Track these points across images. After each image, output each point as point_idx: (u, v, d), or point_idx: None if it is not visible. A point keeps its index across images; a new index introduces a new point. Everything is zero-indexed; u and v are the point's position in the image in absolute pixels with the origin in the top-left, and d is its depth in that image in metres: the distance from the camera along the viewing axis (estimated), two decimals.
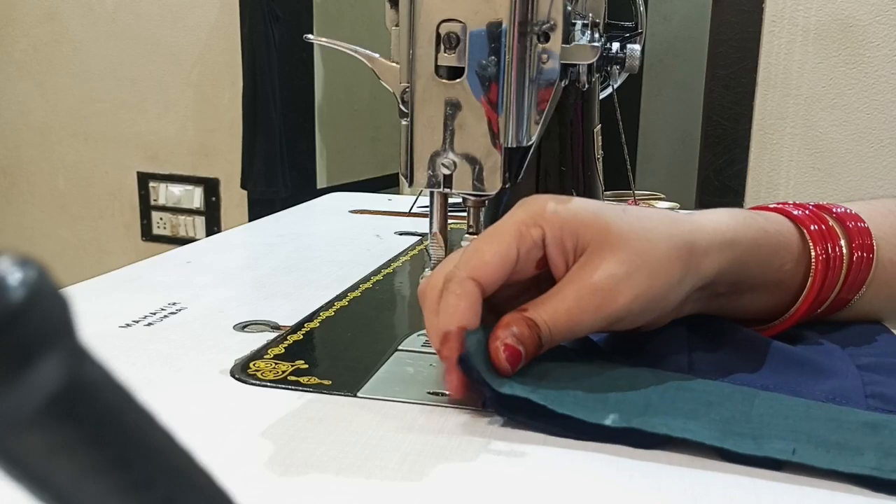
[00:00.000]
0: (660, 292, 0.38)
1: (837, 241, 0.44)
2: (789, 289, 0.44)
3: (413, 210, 0.87)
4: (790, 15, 1.40)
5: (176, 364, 0.43)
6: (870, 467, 0.32)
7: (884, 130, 1.40)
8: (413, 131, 0.43)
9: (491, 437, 0.36)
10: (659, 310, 0.39)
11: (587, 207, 0.39)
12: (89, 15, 1.91)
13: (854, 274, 0.45)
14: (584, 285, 0.37)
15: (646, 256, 0.37)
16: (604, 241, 0.37)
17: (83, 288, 0.57)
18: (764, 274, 0.43)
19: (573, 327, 0.37)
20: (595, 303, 0.37)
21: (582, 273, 0.37)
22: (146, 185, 1.96)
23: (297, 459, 0.33)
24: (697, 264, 0.39)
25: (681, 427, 0.34)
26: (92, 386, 0.13)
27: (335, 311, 0.53)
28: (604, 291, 0.37)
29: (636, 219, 0.39)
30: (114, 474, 0.13)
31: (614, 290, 0.37)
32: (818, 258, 0.43)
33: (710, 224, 0.40)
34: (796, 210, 0.45)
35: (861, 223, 0.45)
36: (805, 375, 0.40)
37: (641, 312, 0.38)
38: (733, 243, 0.40)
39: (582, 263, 0.38)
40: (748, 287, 0.43)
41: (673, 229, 0.39)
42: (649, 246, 0.38)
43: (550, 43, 0.42)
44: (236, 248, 0.74)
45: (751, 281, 0.43)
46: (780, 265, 0.43)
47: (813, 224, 0.44)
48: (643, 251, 0.37)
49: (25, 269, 0.12)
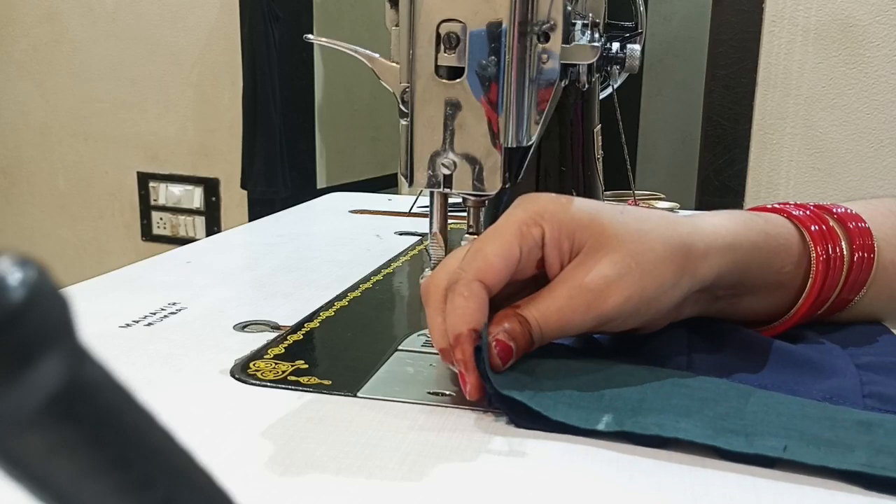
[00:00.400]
0: (652, 294, 0.38)
1: (838, 242, 0.44)
2: (789, 290, 0.44)
3: (413, 210, 0.87)
4: (790, 15, 1.40)
5: (176, 364, 0.43)
6: (860, 464, 0.32)
7: (884, 130, 1.40)
8: (413, 131, 0.43)
9: (491, 436, 0.36)
10: (653, 312, 0.39)
11: (584, 208, 0.39)
12: (89, 15, 1.91)
13: (855, 274, 0.45)
14: (576, 285, 0.37)
15: (640, 258, 0.37)
16: (599, 243, 0.37)
17: (83, 288, 0.57)
18: (764, 276, 0.43)
19: (564, 326, 0.37)
20: (585, 302, 0.37)
21: (574, 273, 0.38)
22: (146, 185, 1.96)
23: (297, 459, 0.33)
24: (694, 268, 0.39)
25: (672, 426, 0.34)
26: (92, 386, 0.13)
27: (335, 311, 0.53)
28: (594, 292, 0.37)
29: (633, 220, 0.39)
30: (114, 474, 0.13)
31: (605, 291, 0.37)
32: (819, 259, 0.43)
33: (710, 227, 0.40)
34: (797, 210, 0.45)
35: (862, 223, 0.45)
36: (804, 375, 0.40)
37: (633, 314, 0.38)
38: (733, 247, 0.40)
39: (576, 264, 0.38)
40: (748, 290, 0.43)
41: (670, 232, 0.39)
42: (644, 248, 0.38)
43: (550, 43, 0.42)
44: (236, 248, 0.74)
45: (751, 283, 0.43)
46: (781, 267, 0.43)
47: (813, 224, 0.44)
48: (637, 253, 0.37)
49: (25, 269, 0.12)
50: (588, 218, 0.38)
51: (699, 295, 0.41)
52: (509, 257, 0.38)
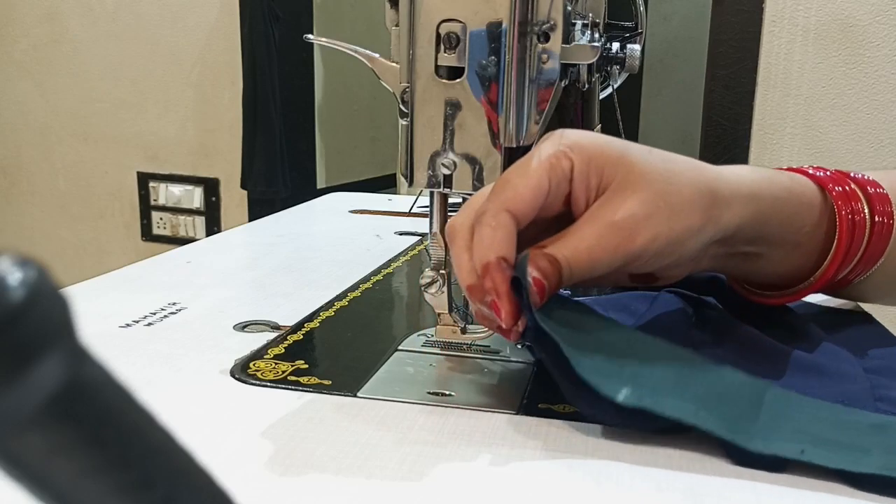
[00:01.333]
0: (678, 236, 0.37)
1: (860, 204, 0.43)
2: (807, 252, 0.43)
3: (413, 210, 0.87)
4: (790, 15, 1.40)
5: (176, 364, 0.43)
6: (877, 466, 0.31)
7: (884, 130, 1.40)
8: (413, 131, 0.43)
9: (491, 437, 0.36)
10: (677, 255, 0.38)
11: (614, 145, 0.38)
12: (89, 15, 1.91)
13: (876, 238, 0.44)
14: (605, 224, 0.36)
15: (668, 199, 0.37)
16: (627, 180, 0.37)
17: (83, 288, 0.57)
18: (784, 233, 0.42)
19: (593, 265, 0.36)
20: (615, 241, 0.36)
21: (603, 211, 0.37)
22: (146, 185, 1.96)
23: (297, 459, 0.33)
24: (719, 214, 0.38)
25: (693, 413, 0.34)
26: (92, 386, 0.13)
27: (335, 311, 0.53)
28: (623, 230, 0.36)
29: (661, 161, 0.38)
30: (114, 474, 0.13)
31: (634, 230, 0.36)
32: (843, 218, 0.43)
33: (734, 176, 0.40)
34: (818, 172, 0.44)
35: (880, 189, 0.45)
36: (812, 379, 0.40)
37: (659, 254, 0.37)
38: (756, 197, 0.40)
39: (603, 201, 0.37)
40: (767, 245, 0.42)
41: (698, 175, 0.38)
42: (672, 189, 0.37)
43: (550, 43, 0.42)
44: (236, 248, 0.74)
45: (770, 239, 0.42)
46: (801, 226, 0.42)
47: (836, 185, 0.43)
48: (666, 193, 0.37)
49: (25, 269, 0.12)
50: (617, 154, 0.37)
51: (718, 247, 0.41)
52: (538, 188, 0.37)
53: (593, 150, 0.37)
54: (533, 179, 0.37)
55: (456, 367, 0.44)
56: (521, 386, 0.41)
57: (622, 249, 0.36)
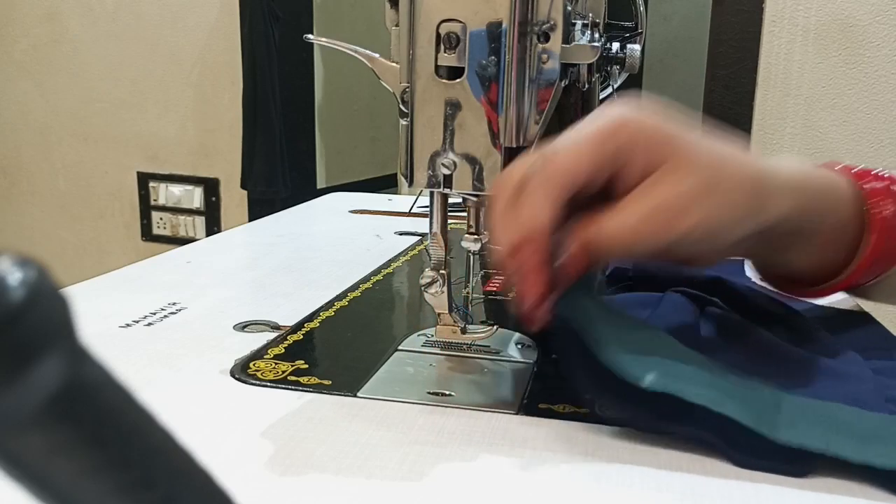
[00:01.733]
0: (724, 223, 0.37)
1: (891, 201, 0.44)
2: (837, 249, 0.44)
3: (413, 210, 0.87)
4: (790, 15, 1.40)
5: (176, 364, 0.43)
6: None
7: (884, 130, 1.40)
8: (413, 131, 0.43)
9: (491, 437, 0.36)
10: (717, 243, 0.38)
11: (666, 126, 0.38)
12: (89, 15, 1.91)
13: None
14: (652, 204, 0.36)
15: (716, 185, 0.36)
16: (677, 162, 0.36)
17: (83, 288, 0.57)
18: (820, 228, 0.42)
19: (635, 243, 0.36)
20: (660, 223, 0.36)
21: (652, 191, 0.36)
22: (146, 185, 1.96)
23: (297, 459, 0.33)
24: (765, 204, 0.38)
25: (718, 401, 0.33)
26: (92, 386, 0.13)
27: (335, 311, 0.53)
28: (670, 213, 0.36)
29: (712, 147, 0.38)
30: (114, 474, 0.13)
31: (680, 213, 0.36)
32: (876, 214, 0.43)
33: (781, 168, 0.40)
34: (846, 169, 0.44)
35: None
36: (825, 380, 0.40)
37: (700, 240, 0.37)
38: (801, 189, 0.40)
39: (651, 182, 0.36)
40: (800, 239, 0.43)
41: (747, 164, 0.38)
42: (721, 175, 0.37)
43: (550, 43, 0.42)
44: (236, 248, 0.74)
45: (807, 233, 0.42)
46: (836, 221, 0.43)
47: (867, 182, 0.44)
48: (714, 179, 0.37)
49: (25, 269, 0.12)
50: (669, 136, 0.37)
51: (757, 236, 0.40)
52: (591, 159, 0.36)
53: (645, 128, 0.37)
54: (585, 150, 0.36)
55: (456, 367, 0.44)
56: (521, 386, 0.41)
57: (667, 231, 0.36)
